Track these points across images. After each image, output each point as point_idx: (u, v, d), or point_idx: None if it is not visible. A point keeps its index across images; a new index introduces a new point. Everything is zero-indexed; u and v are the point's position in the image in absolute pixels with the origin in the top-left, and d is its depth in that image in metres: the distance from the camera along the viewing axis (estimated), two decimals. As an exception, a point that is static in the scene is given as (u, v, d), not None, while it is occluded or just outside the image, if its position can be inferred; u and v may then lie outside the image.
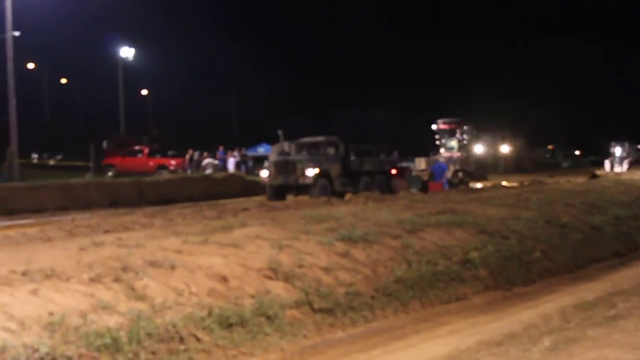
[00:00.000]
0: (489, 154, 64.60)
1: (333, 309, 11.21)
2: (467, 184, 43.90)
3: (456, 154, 47.14)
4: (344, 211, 18.03)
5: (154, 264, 10.62)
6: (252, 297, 10.61)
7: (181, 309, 9.67)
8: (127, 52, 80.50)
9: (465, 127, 47.93)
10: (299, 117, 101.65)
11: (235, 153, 65.04)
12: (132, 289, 9.71)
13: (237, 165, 62.13)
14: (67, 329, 8.40)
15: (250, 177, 50.94)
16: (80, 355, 8.08)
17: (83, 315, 8.80)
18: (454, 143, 48.20)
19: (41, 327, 8.33)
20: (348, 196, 31.80)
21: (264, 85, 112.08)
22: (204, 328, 9.43)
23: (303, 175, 34.66)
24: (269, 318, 10.25)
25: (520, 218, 17.93)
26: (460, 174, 45.26)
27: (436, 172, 42.54)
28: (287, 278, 11.42)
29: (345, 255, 12.92)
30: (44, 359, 7.80)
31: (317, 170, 34.73)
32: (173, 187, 43.24)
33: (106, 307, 9.09)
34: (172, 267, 10.60)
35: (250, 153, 73.04)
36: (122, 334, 8.60)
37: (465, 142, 47.74)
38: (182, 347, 9.01)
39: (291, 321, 10.55)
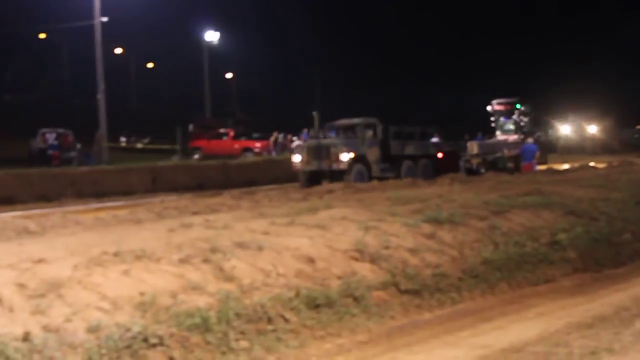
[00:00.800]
0: (576, 135, 62.83)
1: (420, 290, 11.18)
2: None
3: (512, 137, 44.21)
4: (430, 192, 17.97)
5: (241, 245, 10.73)
6: (339, 278, 10.65)
7: (269, 290, 9.76)
8: (212, 36, 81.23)
9: (522, 109, 45.39)
10: (382, 97, 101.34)
11: (320, 134, 65.03)
12: (221, 269, 9.83)
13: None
14: (158, 309, 8.55)
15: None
16: (171, 335, 8.22)
17: (173, 296, 8.94)
18: (510, 125, 45.65)
19: (133, 306, 8.49)
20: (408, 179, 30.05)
21: (348, 66, 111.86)
22: (291, 309, 9.50)
23: (337, 160, 32.43)
24: (355, 299, 10.28)
25: (610, 199, 17.60)
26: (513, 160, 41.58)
27: (526, 153, 39.66)
28: (374, 259, 11.42)
29: (431, 236, 12.87)
30: (136, 338, 7.95)
31: (352, 155, 32.62)
32: (258, 169, 43.58)
33: (195, 288, 9.22)
34: (260, 249, 10.69)
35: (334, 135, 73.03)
36: (212, 314, 8.72)
37: (522, 123, 45.14)
38: (270, 327, 9.10)
39: (378, 302, 10.56)
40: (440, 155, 37.17)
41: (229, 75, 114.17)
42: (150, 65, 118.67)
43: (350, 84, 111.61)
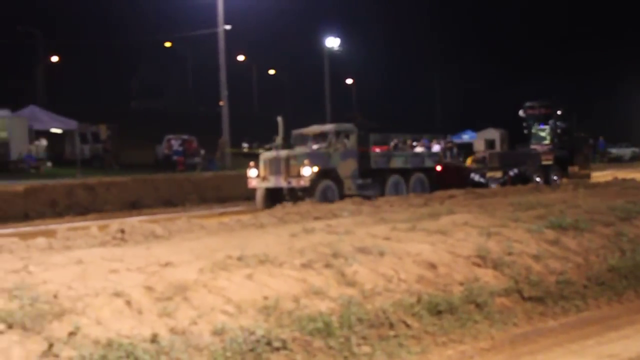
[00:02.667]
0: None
1: (544, 297, 11.00)
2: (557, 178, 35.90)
3: (545, 146, 38.71)
4: (553, 198, 17.65)
5: (363, 250, 10.77)
6: (461, 284, 10.57)
7: (390, 295, 9.76)
8: (332, 42, 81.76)
9: (558, 112, 39.53)
10: (504, 103, 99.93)
11: (441, 140, 64.77)
12: (343, 274, 9.88)
13: (442, 152, 61.84)
14: (281, 313, 8.66)
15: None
16: (294, 339, 8.31)
17: (296, 300, 9.04)
18: (544, 133, 39.81)
19: (256, 310, 8.62)
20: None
21: (468, 70, 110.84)
22: (413, 314, 9.49)
23: (298, 175, 26.95)
24: (478, 306, 10.19)
25: None
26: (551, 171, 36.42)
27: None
28: (496, 265, 11.30)
29: (555, 242, 12.65)
30: (260, 342, 8.07)
31: (315, 169, 27.06)
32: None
33: (318, 292, 9.30)
34: (381, 254, 10.70)
35: (455, 140, 72.56)
36: (334, 318, 8.78)
37: (559, 130, 39.34)
38: (392, 332, 9.10)
39: (501, 309, 10.44)
40: (439, 168, 32.31)
41: (349, 81, 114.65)
42: (271, 71, 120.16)
43: (471, 87, 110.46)
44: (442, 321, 9.62)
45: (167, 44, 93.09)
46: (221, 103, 54.23)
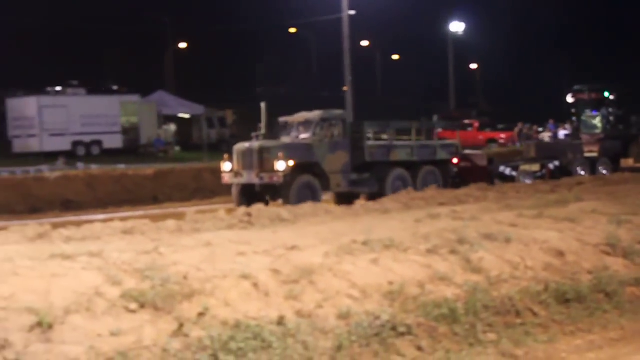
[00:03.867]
0: None
1: (677, 288, 10.67)
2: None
3: (595, 135, 34.56)
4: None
5: (488, 237, 10.66)
6: (589, 272, 10.37)
7: (516, 283, 9.64)
8: (457, 27, 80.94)
9: (611, 97, 35.12)
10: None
11: (567, 126, 63.39)
12: (468, 261, 9.80)
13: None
14: (406, 298, 8.65)
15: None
16: (418, 324, 8.30)
17: (420, 285, 9.02)
18: (596, 120, 35.60)
19: (381, 295, 8.64)
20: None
21: (597, 53, 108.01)
22: (540, 302, 9.35)
23: (272, 169, 23.27)
24: (607, 295, 9.97)
25: None
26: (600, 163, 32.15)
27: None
28: (627, 254, 11.03)
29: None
30: (385, 327, 8.08)
31: (290, 163, 23.17)
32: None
33: (443, 278, 9.25)
34: (507, 241, 10.58)
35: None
36: (459, 305, 8.73)
37: (612, 118, 35.12)
38: (518, 320, 8.99)
39: (631, 299, 10.19)
40: (455, 160, 27.90)
41: (473, 66, 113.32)
42: (395, 57, 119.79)
43: (603, 70, 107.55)
44: (570, 310, 9.45)
45: (292, 30, 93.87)
46: (345, 88, 54.38)
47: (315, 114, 25.58)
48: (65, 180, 29.47)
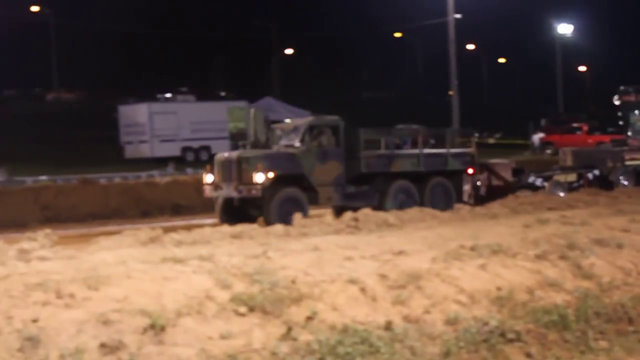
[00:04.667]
0: None
1: None
2: None
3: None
4: None
5: (599, 242, 10.46)
6: None
7: (629, 289, 9.44)
8: (565, 29, 79.53)
9: None
10: None
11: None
12: (578, 266, 9.64)
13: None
14: (515, 304, 8.56)
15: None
16: (528, 331, 8.19)
17: (529, 291, 8.91)
18: None
19: (489, 301, 8.56)
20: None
21: None
22: (654, 310, 9.12)
23: (250, 182, 20.81)
24: None
25: None
26: None
27: None
28: None
29: None
30: (494, 333, 8.00)
31: (270, 175, 20.69)
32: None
33: (552, 284, 9.12)
34: (619, 246, 10.36)
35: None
36: (570, 311, 8.58)
37: None
38: (630, 328, 8.78)
39: None
40: (470, 171, 24.61)
41: (582, 68, 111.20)
42: (502, 60, 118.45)
43: None
44: (686, 318, 9.17)
45: (397, 35, 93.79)
46: (450, 93, 54.04)
47: (304, 121, 23.38)
48: (175, 185, 29.99)
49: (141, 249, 12.12)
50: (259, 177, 20.37)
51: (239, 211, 20.93)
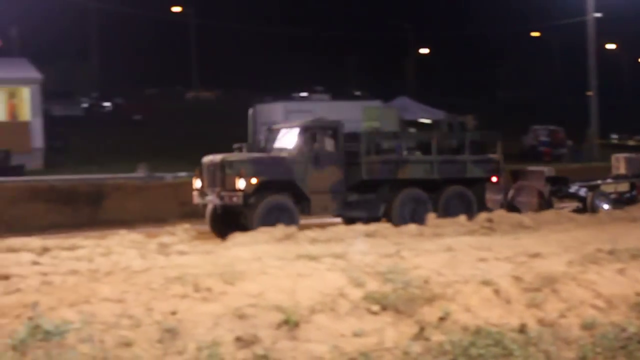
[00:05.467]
0: None
1: None
2: None
3: None
4: None
5: None
6: None
7: None
8: None
9: None
10: None
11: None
12: None
13: None
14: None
15: None
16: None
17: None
18: None
19: (628, 306, 8.35)
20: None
21: None
22: None
23: (233, 188, 19.03)
24: None
25: None
26: None
27: None
28: None
29: None
30: (632, 339, 7.80)
31: (253, 181, 18.99)
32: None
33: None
34: None
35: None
36: None
37: None
38: None
39: None
40: (494, 179, 22.05)
41: None
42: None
43: None
44: None
45: (535, 34, 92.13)
46: (589, 93, 52.77)
47: (299, 122, 21.33)
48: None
49: (276, 246, 12.34)
50: (241, 183, 18.74)
51: (229, 220, 19.17)
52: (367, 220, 18.38)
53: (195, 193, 20.02)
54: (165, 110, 56.36)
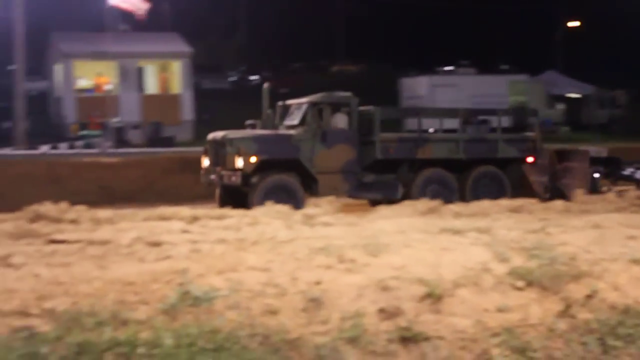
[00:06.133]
0: None
1: None
2: None
3: None
4: None
5: None
6: None
7: None
8: None
9: None
10: None
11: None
12: None
13: None
14: None
15: None
16: None
17: None
18: None
19: None
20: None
21: None
22: None
23: (232, 167, 18.13)
24: None
25: None
26: None
27: None
28: None
29: None
30: None
31: (253, 160, 18.02)
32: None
33: None
34: None
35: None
36: None
37: None
38: None
39: None
40: (530, 159, 20.08)
41: None
42: None
43: None
44: None
45: None
46: None
47: (308, 98, 19.72)
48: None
49: (420, 219, 12.33)
50: (240, 162, 17.85)
51: (236, 200, 18.03)
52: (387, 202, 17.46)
53: (202, 171, 19.31)
54: (310, 83, 56.82)
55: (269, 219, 11.95)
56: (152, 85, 40.41)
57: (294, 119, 19.05)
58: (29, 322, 6.68)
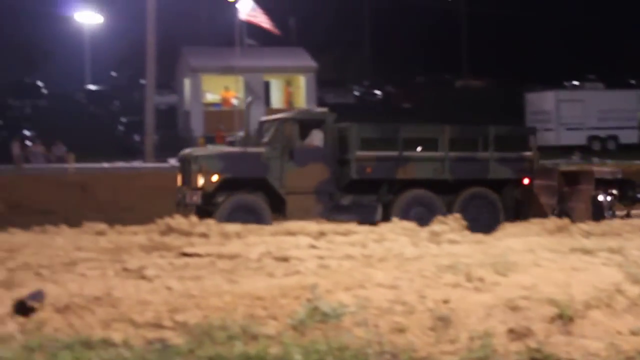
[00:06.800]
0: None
1: None
2: None
3: None
4: None
5: None
6: None
7: None
8: None
9: None
10: None
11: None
12: None
13: None
14: None
15: None
16: None
17: None
18: None
19: None
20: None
21: None
22: None
23: (195, 185, 17.19)
24: None
25: None
26: None
27: None
28: None
29: None
30: None
31: (214, 178, 17.12)
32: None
33: None
34: None
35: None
36: None
37: None
38: None
39: None
40: (526, 181, 18.66)
41: None
42: None
43: None
44: None
45: None
46: None
47: (281, 115, 19.17)
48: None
49: (549, 238, 12.15)
50: (200, 181, 17.02)
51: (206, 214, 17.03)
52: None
53: (176, 190, 18.40)
54: (434, 98, 56.63)
55: (395, 235, 11.99)
56: (277, 99, 40.95)
57: (267, 137, 18.12)
58: (162, 334, 6.86)
